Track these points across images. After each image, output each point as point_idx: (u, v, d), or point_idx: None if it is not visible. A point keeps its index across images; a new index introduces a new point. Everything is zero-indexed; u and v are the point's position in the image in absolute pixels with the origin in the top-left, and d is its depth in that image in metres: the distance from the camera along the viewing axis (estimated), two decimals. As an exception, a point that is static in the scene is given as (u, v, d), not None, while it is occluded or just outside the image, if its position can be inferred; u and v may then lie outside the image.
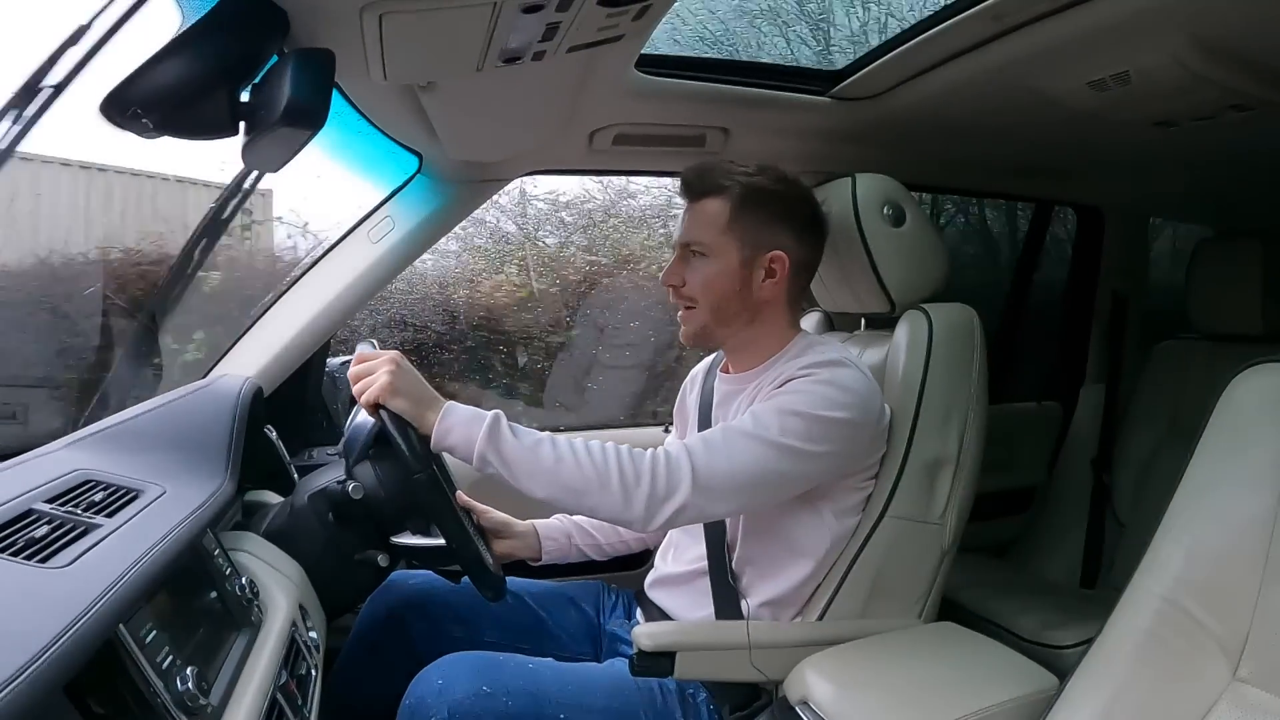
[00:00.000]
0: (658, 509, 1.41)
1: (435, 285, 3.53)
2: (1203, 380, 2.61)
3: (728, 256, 1.63)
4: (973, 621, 1.87)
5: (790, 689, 1.47)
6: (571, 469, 1.40)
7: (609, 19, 1.31)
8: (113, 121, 1.04)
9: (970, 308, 1.79)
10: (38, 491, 1.07)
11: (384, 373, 1.41)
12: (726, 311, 1.65)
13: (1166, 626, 1.10)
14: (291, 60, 1.07)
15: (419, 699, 1.43)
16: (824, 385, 1.51)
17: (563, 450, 1.42)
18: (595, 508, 1.44)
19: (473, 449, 1.40)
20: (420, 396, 1.43)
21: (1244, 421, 1.12)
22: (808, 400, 1.49)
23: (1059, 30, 1.53)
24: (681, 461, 1.43)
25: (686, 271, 1.65)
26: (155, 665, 0.91)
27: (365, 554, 1.56)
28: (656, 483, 1.41)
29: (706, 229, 1.63)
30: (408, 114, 1.64)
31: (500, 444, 1.40)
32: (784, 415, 1.48)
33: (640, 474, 1.41)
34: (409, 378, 1.44)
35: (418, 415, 1.42)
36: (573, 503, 1.43)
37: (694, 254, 1.64)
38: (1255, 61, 1.60)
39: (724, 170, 1.65)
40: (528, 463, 1.41)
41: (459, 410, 1.43)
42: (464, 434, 1.41)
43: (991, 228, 3.20)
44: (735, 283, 1.64)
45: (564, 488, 1.41)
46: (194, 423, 1.49)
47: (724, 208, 1.63)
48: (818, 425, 1.48)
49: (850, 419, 1.51)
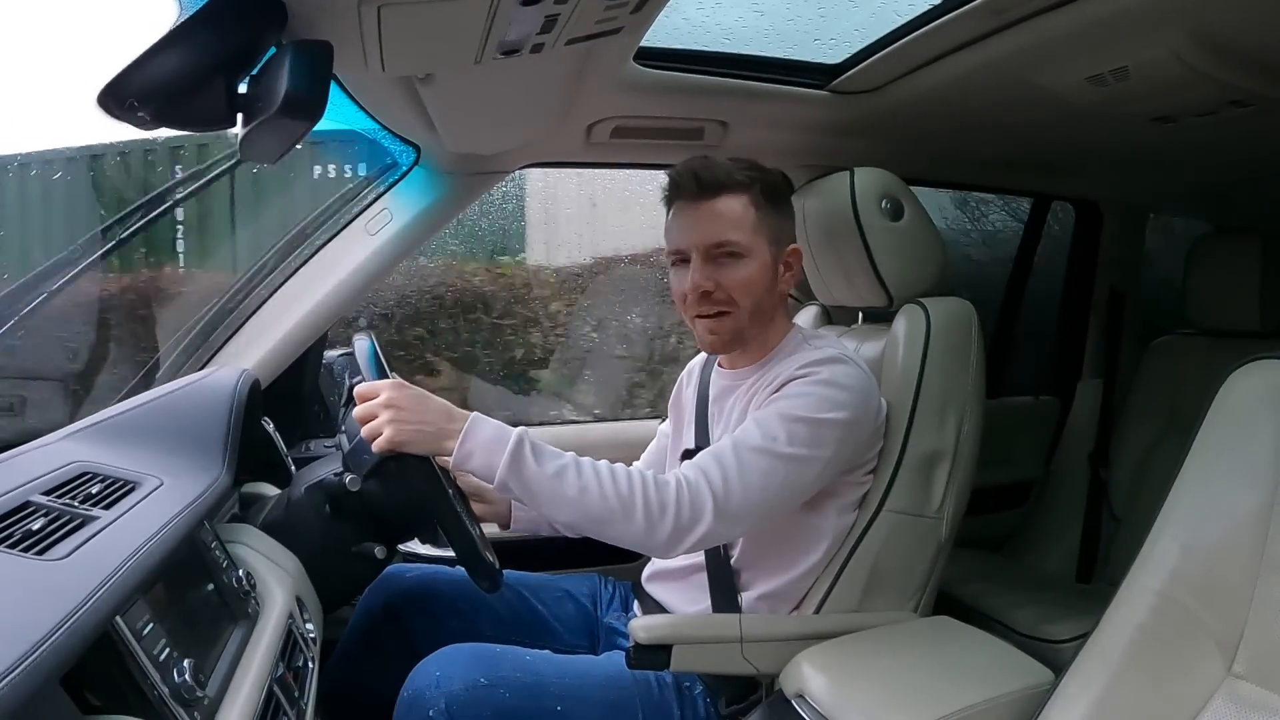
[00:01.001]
0: (681, 539, 1.42)
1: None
2: (1200, 376, 2.61)
3: (762, 255, 1.60)
4: (969, 615, 1.87)
5: (786, 682, 1.47)
6: (595, 499, 1.39)
7: (608, 11, 1.30)
8: (110, 113, 1.04)
9: (968, 302, 1.79)
10: (35, 484, 1.07)
11: (386, 421, 1.38)
12: (760, 312, 1.63)
13: (1162, 621, 1.10)
14: (289, 52, 1.07)
15: (417, 691, 1.43)
16: (824, 386, 1.50)
17: (587, 479, 1.40)
18: (619, 538, 1.43)
19: (494, 475, 1.39)
20: (430, 428, 1.40)
21: (1241, 417, 1.12)
22: (810, 404, 1.49)
23: (1058, 25, 1.53)
24: (703, 491, 1.42)
25: (719, 274, 1.60)
26: (152, 657, 0.91)
27: (362, 546, 1.56)
28: (681, 514, 1.40)
29: (736, 228, 1.58)
30: (406, 106, 1.64)
31: (523, 471, 1.39)
32: (789, 423, 1.47)
33: (665, 505, 1.40)
34: (413, 411, 1.40)
35: (435, 448, 1.41)
36: (595, 531, 1.43)
37: (727, 255, 1.59)
38: (1255, 57, 1.59)
39: (729, 165, 1.60)
40: (550, 491, 1.39)
41: (479, 433, 1.40)
42: (484, 460, 1.39)
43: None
44: (769, 280, 1.62)
45: (587, 517, 1.41)
46: (191, 415, 1.48)
47: (749, 205, 1.59)
48: (823, 429, 1.48)
49: (851, 418, 1.51)
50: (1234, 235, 2.54)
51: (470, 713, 1.41)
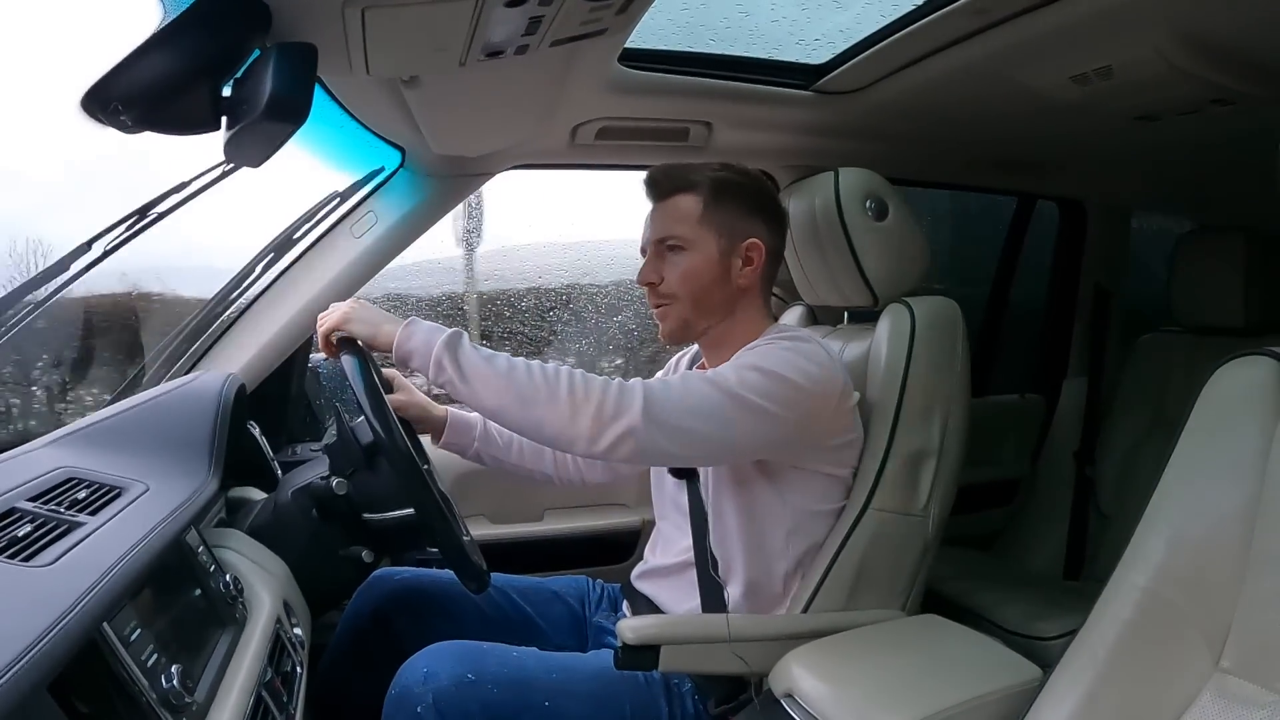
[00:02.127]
0: (604, 430, 1.39)
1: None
2: (1185, 373, 2.63)
3: (706, 248, 1.63)
4: (957, 613, 1.87)
5: (775, 681, 1.47)
6: (523, 379, 1.41)
7: (592, 13, 1.31)
8: (93, 117, 1.04)
9: (953, 300, 1.79)
10: (20, 490, 1.07)
11: (341, 306, 1.53)
12: (707, 303, 1.65)
13: (1149, 617, 1.10)
14: (273, 54, 1.07)
15: (404, 688, 1.43)
16: (785, 351, 1.52)
17: (517, 364, 1.43)
18: (541, 421, 1.41)
19: (430, 356, 1.42)
20: (378, 319, 1.50)
21: (1226, 413, 1.12)
22: (767, 358, 1.50)
23: (1041, 24, 1.54)
24: (635, 389, 1.42)
25: (664, 268, 1.65)
26: (140, 663, 0.90)
27: (349, 550, 1.56)
28: (606, 402, 1.39)
29: (681, 223, 1.64)
30: (390, 108, 1.64)
31: (458, 352, 1.42)
32: (742, 370, 1.49)
33: (590, 392, 1.40)
34: (367, 309, 1.52)
35: (375, 332, 1.49)
36: (519, 413, 1.42)
37: (670, 249, 1.65)
38: (1237, 56, 1.60)
39: (690, 167, 1.67)
40: (481, 371, 1.41)
41: (420, 323, 1.47)
42: (423, 340, 1.44)
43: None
44: (715, 272, 1.64)
45: (514, 396, 1.41)
46: (177, 419, 1.48)
47: (696, 201, 1.63)
48: (775, 383, 1.47)
49: (808, 388, 1.50)
50: (1217, 233, 2.55)
51: (458, 708, 1.41)
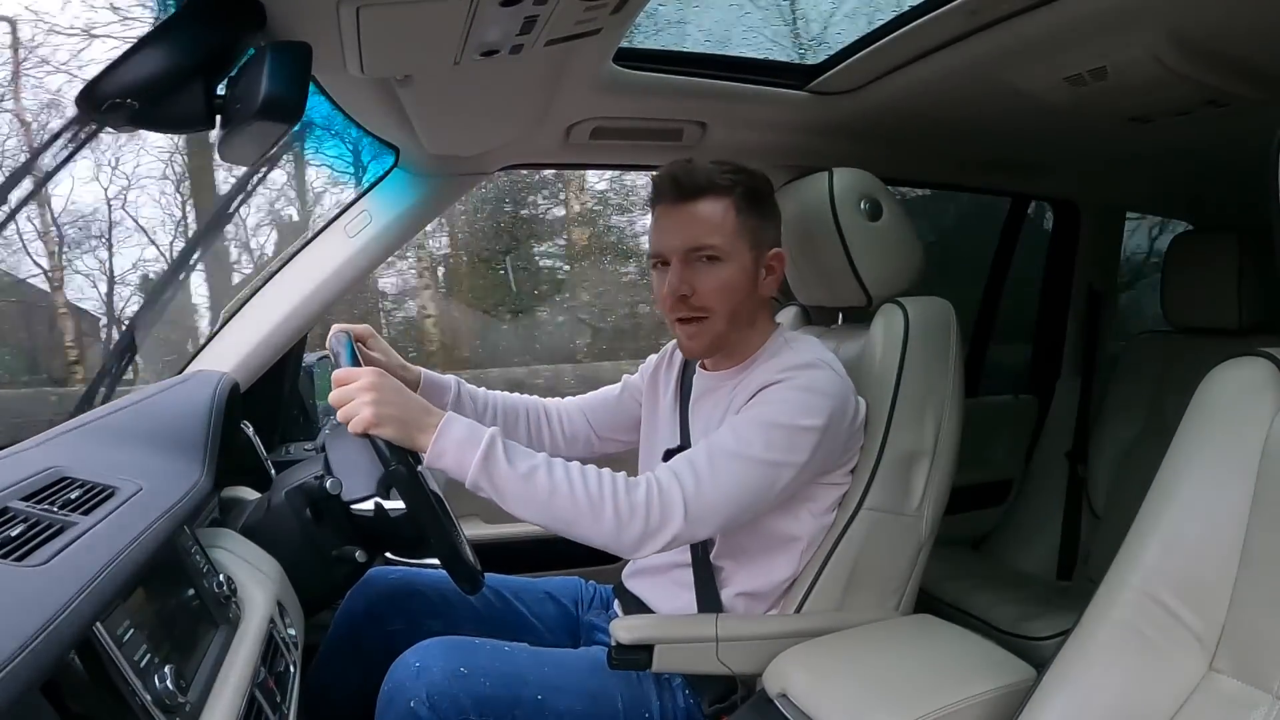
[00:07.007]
0: (649, 541, 1.41)
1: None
2: (1179, 374, 2.63)
3: (741, 258, 1.57)
4: (950, 613, 1.88)
5: (769, 681, 1.48)
6: (565, 501, 1.39)
7: (587, 12, 1.30)
8: (89, 116, 1.03)
9: (946, 301, 1.79)
10: (13, 489, 1.07)
11: (364, 403, 1.35)
12: (741, 316, 1.61)
13: (1143, 618, 1.11)
14: (268, 53, 1.07)
15: (397, 683, 1.44)
16: (800, 392, 1.50)
17: (558, 479, 1.39)
18: (587, 537, 1.42)
19: (465, 474, 1.38)
20: (408, 418, 1.38)
21: (1220, 414, 1.12)
22: (787, 410, 1.48)
23: (1035, 25, 1.54)
24: (673, 495, 1.42)
25: (695, 279, 1.57)
26: (133, 664, 0.90)
27: (343, 550, 1.56)
28: (650, 517, 1.40)
29: (716, 232, 1.55)
30: (385, 107, 1.64)
31: (495, 472, 1.37)
32: (766, 429, 1.47)
33: (635, 507, 1.40)
34: (391, 400, 1.38)
35: (408, 439, 1.38)
36: (564, 531, 1.42)
37: (704, 259, 1.57)
38: (1232, 58, 1.61)
39: (711, 169, 1.57)
40: (521, 492, 1.39)
41: (452, 431, 1.39)
42: (456, 459, 1.38)
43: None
44: (749, 285, 1.59)
45: (556, 518, 1.40)
46: (170, 419, 1.48)
47: (729, 208, 1.56)
48: (798, 435, 1.47)
49: (827, 424, 1.50)
50: (1211, 234, 2.56)
51: (451, 702, 1.41)
